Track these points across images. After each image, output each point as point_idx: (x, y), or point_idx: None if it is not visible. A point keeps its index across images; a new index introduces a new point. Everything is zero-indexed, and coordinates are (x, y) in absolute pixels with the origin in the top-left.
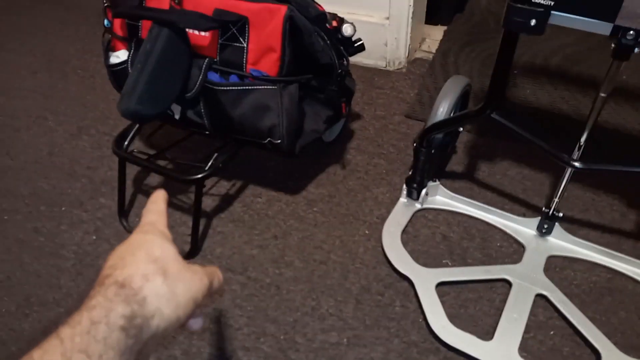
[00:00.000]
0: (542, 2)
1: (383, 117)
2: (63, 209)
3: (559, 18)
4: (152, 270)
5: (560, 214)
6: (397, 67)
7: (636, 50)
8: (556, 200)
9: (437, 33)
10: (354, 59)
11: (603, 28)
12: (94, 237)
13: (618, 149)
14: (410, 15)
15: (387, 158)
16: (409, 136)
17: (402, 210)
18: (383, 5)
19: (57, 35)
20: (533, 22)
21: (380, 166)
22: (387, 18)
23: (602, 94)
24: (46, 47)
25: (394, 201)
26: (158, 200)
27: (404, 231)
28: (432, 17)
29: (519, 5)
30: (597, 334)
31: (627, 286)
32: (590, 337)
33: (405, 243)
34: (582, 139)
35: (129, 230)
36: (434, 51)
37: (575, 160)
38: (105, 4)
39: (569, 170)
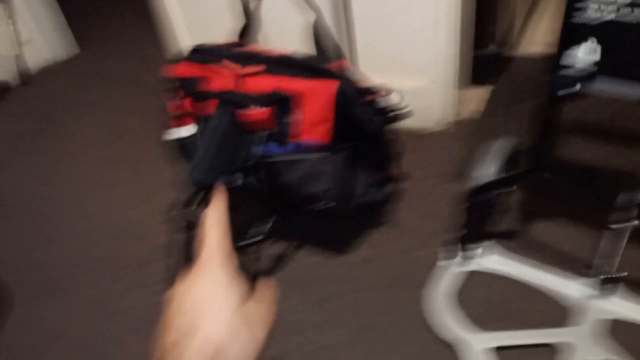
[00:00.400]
0: (586, 68)
1: (433, 176)
2: (131, 270)
3: (602, 84)
4: (230, 329)
5: (617, 274)
6: (445, 127)
7: None
8: (616, 260)
9: (482, 93)
10: (403, 123)
11: None
12: (158, 299)
13: None
14: (456, 78)
15: (438, 218)
16: (457, 195)
17: (450, 272)
18: (429, 70)
19: (124, 110)
20: (578, 86)
21: (431, 226)
22: (433, 82)
23: None
24: (115, 120)
25: (446, 262)
26: (217, 208)
27: (455, 293)
28: (478, 77)
29: (563, 72)
30: None
31: None
32: None
33: (456, 306)
34: (631, 201)
35: None
36: (480, 111)
37: (623, 222)
38: (176, 85)
39: (626, 230)
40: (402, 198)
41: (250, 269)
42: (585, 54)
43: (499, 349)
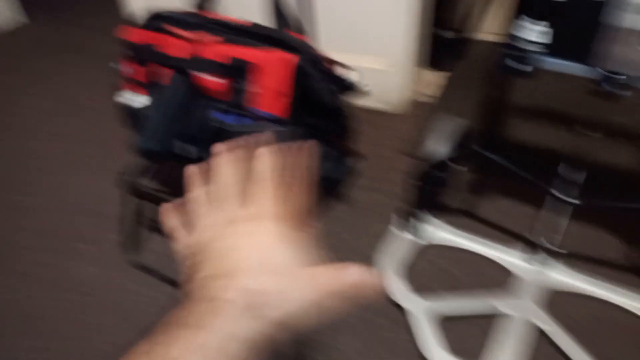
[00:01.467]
0: (535, 49)
1: (387, 156)
2: (72, 244)
3: (552, 64)
4: (273, 279)
5: (559, 248)
6: (401, 110)
7: (626, 93)
8: (555, 235)
9: (439, 78)
10: (361, 103)
11: (594, 73)
12: (97, 269)
13: (615, 186)
14: (415, 61)
15: (390, 194)
16: (411, 174)
17: (401, 244)
18: (389, 52)
19: (79, 80)
20: (527, 67)
21: (383, 202)
22: (391, 65)
23: (596, 135)
24: (70, 91)
25: (395, 236)
26: (273, 154)
27: (403, 263)
28: (436, 61)
29: (513, 52)
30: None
31: (624, 319)
32: None
33: (403, 275)
34: (580, 177)
35: (135, 264)
36: (435, 95)
37: (573, 198)
38: (128, 53)
39: (566, 207)
40: (356, 176)
41: None
42: (536, 33)
43: (446, 315)
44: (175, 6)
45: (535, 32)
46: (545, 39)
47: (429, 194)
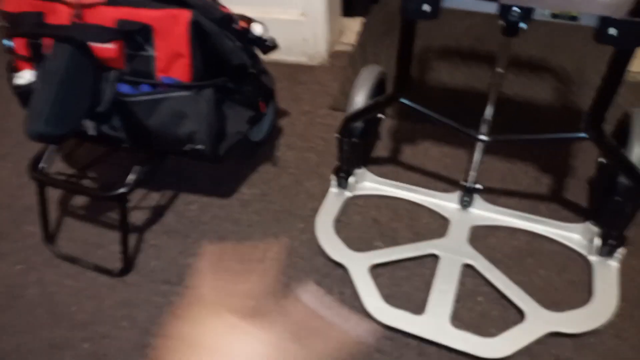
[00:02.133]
0: None
1: (309, 111)
2: None
3: (451, 1)
4: None
5: (478, 186)
6: (319, 61)
7: (522, 26)
8: (472, 173)
9: (355, 25)
10: (276, 57)
11: (490, 7)
12: (21, 267)
13: (527, 118)
14: (326, 9)
15: (316, 151)
16: (335, 128)
17: (333, 200)
18: (297, 2)
19: None
20: (427, 7)
21: (310, 160)
22: (303, 14)
23: (499, 70)
24: None
25: (326, 192)
26: None
27: (336, 220)
28: (348, 9)
29: None
30: (521, 295)
31: (546, 246)
32: (514, 299)
33: (338, 231)
34: (487, 114)
35: (59, 255)
36: (353, 43)
37: (483, 134)
38: (4, 24)
39: (479, 144)
40: (280, 135)
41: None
42: None
43: (380, 265)
44: None
45: None
46: None
47: (354, 145)
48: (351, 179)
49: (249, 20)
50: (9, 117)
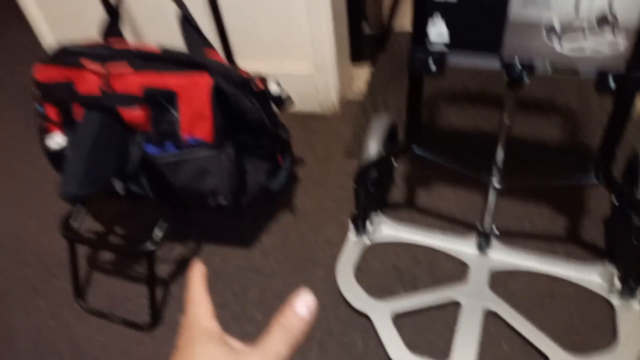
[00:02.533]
0: (437, 49)
1: (325, 159)
2: (18, 297)
3: (456, 59)
4: None
5: (495, 230)
6: (331, 110)
7: (526, 80)
8: (488, 217)
9: (364, 73)
10: (291, 109)
11: (494, 64)
12: (53, 323)
13: (537, 160)
14: (335, 62)
15: (334, 198)
16: (351, 175)
17: (352, 248)
18: (308, 56)
19: None
20: (433, 66)
21: (328, 207)
22: (314, 67)
23: (506, 121)
24: None
25: (344, 239)
26: (196, 282)
27: (356, 267)
28: (357, 59)
29: (419, 53)
30: (544, 340)
31: (566, 289)
32: (538, 344)
33: (359, 279)
34: (498, 160)
35: (88, 311)
36: (363, 91)
37: (495, 181)
38: (37, 92)
39: (492, 190)
40: (298, 183)
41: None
42: (438, 31)
43: (401, 313)
44: (86, 35)
45: (433, 32)
46: (444, 38)
47: (370, 193)
48: (369, 226)
49: (266, 80)
50: (37, 174)
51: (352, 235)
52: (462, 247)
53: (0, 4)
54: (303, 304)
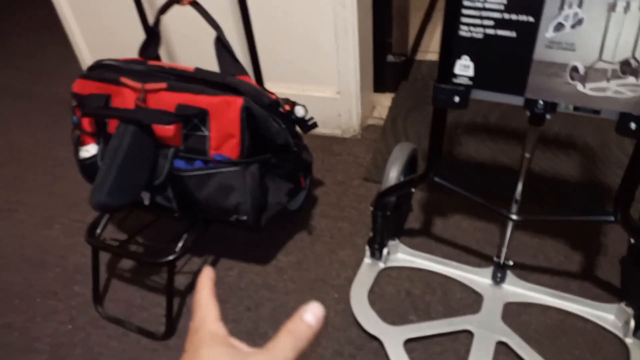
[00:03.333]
0: (462, 82)
1: (343, 182)
2: (38, 300)
3: (479, 94)
4: None
5: (510, 262)
6: (352, 134)
7: (548, 117)
8: (504, 249)
9: (385, 100)
10: (313, 130)
11: (517, 100)
12: (70, 327)
13: (555, 195)
14: (359, 88)
15: (350, 221)
16: (368, 198)
17: (367, 271)
18: (333, 81)
19: (19, 128)
20: (457, 99)
21: (344, 229)
22: (338, 92)
23: (527, 155)
24: (9, 139)
25: (359, 262)
26: (204, 287)
27: (370, 291)
28: (380, 85)
29: (443, 86)
30: None
31: (579, 325)
32: None
33: (372, 303)
34: (517, 194)
35: (105, 317)
36: (384, 117)
37: (513, 214)
38: (74, 104)
39: (510, 222)
40: (315, 204)
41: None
42: (461, 68)
43: (413, 339)
44: (120, 55)
45: (458, 66)
46: (469, 72)
47: (388, 218)
48: (384, 251)
49: (293, 103)
50: (61, 181)
51: (367, 258)
52: (477, 277)
53: (44, 20)
54: (311, 313)
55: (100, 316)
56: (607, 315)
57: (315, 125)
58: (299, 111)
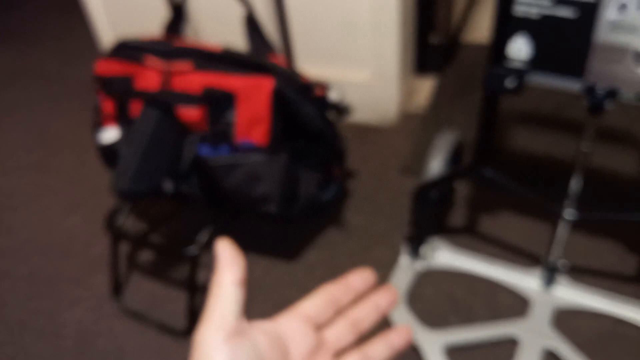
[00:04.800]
0: (516, 66)
1: (379, 174)
2: (63, 287)
3: (536, 79)
4: None
5: (562, 264)
6: (390, 123)
7: (608, 107)
8: (555, 250)
9: (427, 86)
10: (348, 119)
11: (575, 86)
12: (93, 315)
13: (612, 193)
14: (399, 71)
15: (386, 216)
16: (406, 193)
17: (404, 270)
18: (372, 62)
19: (48, 111)
20: (510, 84)
21: (379, 225)
22: (377, 74)
23: (584, 150)
24: (38, 122)
25: (396, 261)
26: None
27: (407, 292)
28: (424, 69)
29: (496, 70)
30: None
31: (633, 333)
32: None
33: (409, 305)
34: (572, 191)
35: (124, 309)
36: (425, 104)
37: (567, 212)
38: (97, 85)
39: (563, 221)
40: (348, 197)
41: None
42: (518, 49)
43: (453, 345)
44: (145, 33)
45: (513, 49)
46: (525, 56)
47: (428, 214)
48: (423, 249)
49: (326, 87)
50: (83, 167)
51: (404, 257)
52: (525, 280)
53: (70, 1)
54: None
55: (122, 311)
56: None
57: (349, 110)
58: (333, 95)
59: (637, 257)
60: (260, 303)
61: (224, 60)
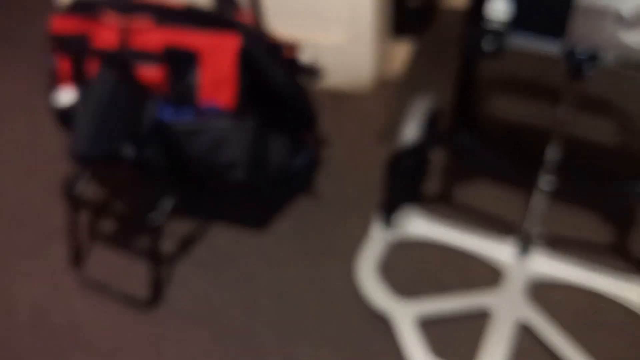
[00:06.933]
0: (495, 27)
1: (352, 142)
2: (17, 260)
3: (514, 41)
4: None
5: (536, 233)
6: (365, 88)
7: (587, 72)
8: (531, 219)
9: (403, 51)
10: (320, 84)
11: (555, 49)
12: (49, 289)
13: (592, 163)
14: (376, 33)
15: (360, 186)
16: (380, 163)
17: (377, 242)
18: (347, 24)
19: None
20: (489, 46)
21: (352, 195)
22: (352, 37)
23: (562, 116)
24: None
25: (368, 231)
26: None
27: (379, 263)
28: (401, 33)
29: (474, 30)
30: (578, 358)
31: (606, 305)
32: None
33: (381, 276)
34: (550, 159)
35: (86, 281)
36: (402, 70)
37: (544, 181)
38: (52, 44)
39: (539, 191)
40: (321, 166)
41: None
42: (498, 9)
43: (424, 317)
44: None
45: (492, 9)
46: (504, 16)
47: (402, 183)
48: (397, 219)
49: (297, 48)
50: (36, 132)
51: (377, 228)
52: (498, 250)
53: None
54: None
55: (81, 281)
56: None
57: (321, 75)
58: (304, 57)
59: (614, 228)
60: (227, 273)
61: (187, 16)
